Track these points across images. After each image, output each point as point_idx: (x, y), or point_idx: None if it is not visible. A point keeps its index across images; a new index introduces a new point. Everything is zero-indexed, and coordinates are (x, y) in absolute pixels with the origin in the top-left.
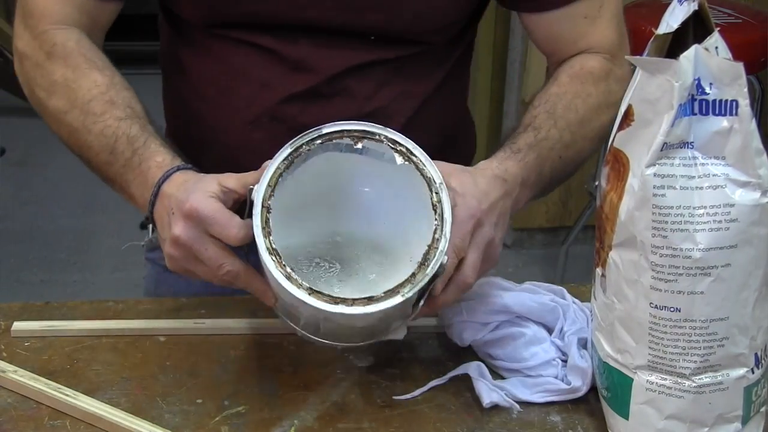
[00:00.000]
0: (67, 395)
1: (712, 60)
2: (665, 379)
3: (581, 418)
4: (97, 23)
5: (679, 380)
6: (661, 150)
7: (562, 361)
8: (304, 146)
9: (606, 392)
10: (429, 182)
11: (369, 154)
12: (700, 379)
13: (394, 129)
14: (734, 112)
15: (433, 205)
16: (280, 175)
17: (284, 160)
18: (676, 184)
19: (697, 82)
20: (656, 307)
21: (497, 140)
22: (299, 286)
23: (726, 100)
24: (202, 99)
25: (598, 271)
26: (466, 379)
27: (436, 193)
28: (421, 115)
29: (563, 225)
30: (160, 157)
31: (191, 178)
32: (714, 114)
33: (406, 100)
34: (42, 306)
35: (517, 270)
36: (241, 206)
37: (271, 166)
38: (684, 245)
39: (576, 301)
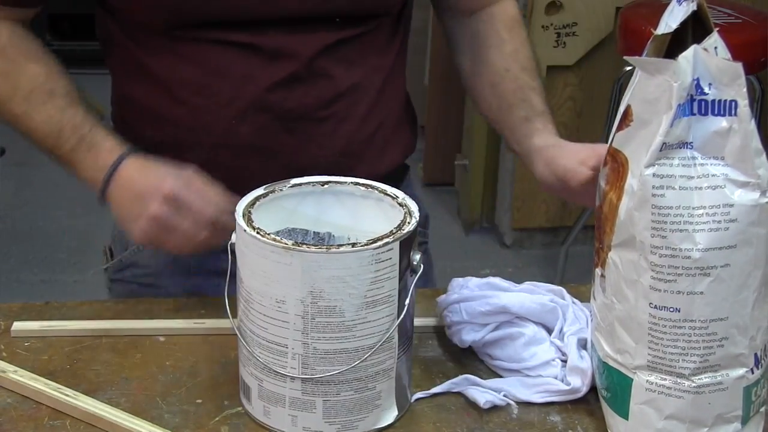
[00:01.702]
0: (67, 395)
1: (712, 60)
2: (665, 379)
3: (581, 418)
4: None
5: (679, 380)
6: (660, 150)
7: (562, 361)
8: (277, 189)
9: (606, 392)
10: (392, 197)
11: (335, 191)
12: (699, 379)
13: (367, 103)
14: (733, 112)
15: (400, 204)
16: (257, 199)
17: (257, 196)
18: (675, 185)
19: (696, 82)
20: (656, 307)
21: (497, 134)
22: (285, 246)
23: (725, 100)
24: (175, 102)
25: (598, 271)
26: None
27: (397, 196)
28: (387, 88)
29: (563, 225)
30: (108, 143)
31: (150, 162)
32: (713, 114)
33: (374, 74)
34: (42, 306)
35: (517, 270)
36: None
37: (246, 197)
38: (683, 245)
39: (576, 301)
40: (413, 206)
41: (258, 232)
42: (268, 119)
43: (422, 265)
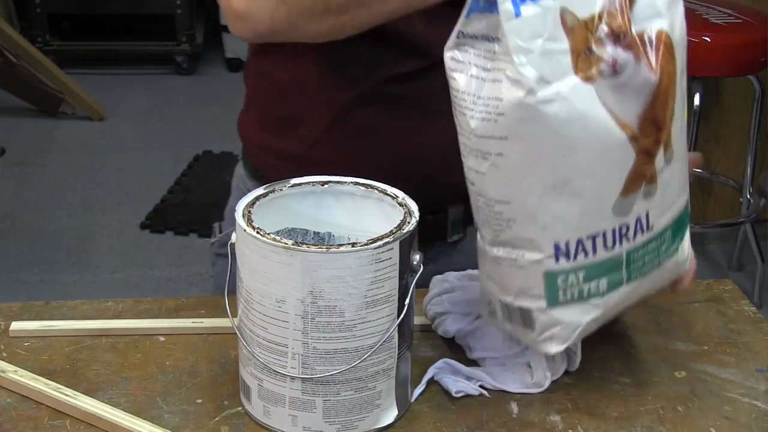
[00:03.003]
0: (67, 395)
1: None
2: (480, 242)
3: (581, 418)
4: None
5: (486, 246)
6: (458, 38)
7: None
8: (276, 189)
9: None
10: (392, 196)
11: (335, 191)
12: (497, 250)
13: None
14: (496, 9)
15: (400, 204)
16: (257, 199)
17: (257, 196)
18: (466, 71)
19: None
20: (465, 178)
21: None
22: (285, 245)
23: None
24: (299, 77)
25: None
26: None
27: (397, 196)
28: None
29: None
30: None
31: None
32: (496, 12)
33: None
34: (42, 306)
35: None
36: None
37: (245, 197)
38: (465, 127)
39: None
40: (413, 206)
41: (258, 232)
42: (383, 107)
43: (422, 265)
